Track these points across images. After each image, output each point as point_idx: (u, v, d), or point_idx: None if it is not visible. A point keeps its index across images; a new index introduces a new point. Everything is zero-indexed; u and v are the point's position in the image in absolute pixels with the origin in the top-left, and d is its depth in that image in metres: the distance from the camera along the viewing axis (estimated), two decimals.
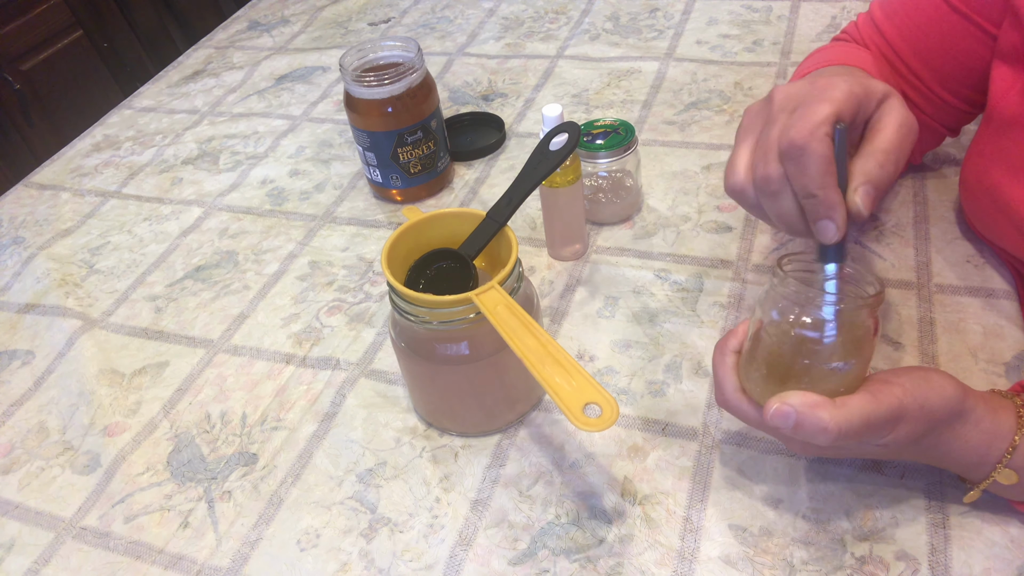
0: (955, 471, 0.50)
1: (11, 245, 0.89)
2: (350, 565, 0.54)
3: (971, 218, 0.66)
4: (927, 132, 0.68)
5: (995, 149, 0.59)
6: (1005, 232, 0.60)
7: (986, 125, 0.61)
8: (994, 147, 0.59)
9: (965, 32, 0.61)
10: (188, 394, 0.68)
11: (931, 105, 0.66)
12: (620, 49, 1.04)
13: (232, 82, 1.13)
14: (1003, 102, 0.58)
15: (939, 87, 0.65)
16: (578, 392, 0.47)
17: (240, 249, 0.83)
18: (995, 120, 0.59)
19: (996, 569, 0.48)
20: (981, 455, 0.46)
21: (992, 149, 0.60)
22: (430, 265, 0.59)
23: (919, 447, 0.47)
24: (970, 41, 0.61)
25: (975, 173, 0.62)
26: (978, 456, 0.47)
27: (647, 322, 0.67)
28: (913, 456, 0.49)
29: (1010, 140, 0.57)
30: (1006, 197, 0.58)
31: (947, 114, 0.67)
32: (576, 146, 0.60)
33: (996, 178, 0.59)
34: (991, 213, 0.61)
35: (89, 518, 0.60)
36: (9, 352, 0.75)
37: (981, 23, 0.60)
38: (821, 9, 1.04)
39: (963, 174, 0.64)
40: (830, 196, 0.43)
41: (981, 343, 0.60)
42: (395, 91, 0.78)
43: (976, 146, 0.62)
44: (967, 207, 0.66)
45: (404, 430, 0.62)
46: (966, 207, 0.66)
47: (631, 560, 0.51)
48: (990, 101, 0.59)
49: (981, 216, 0.64)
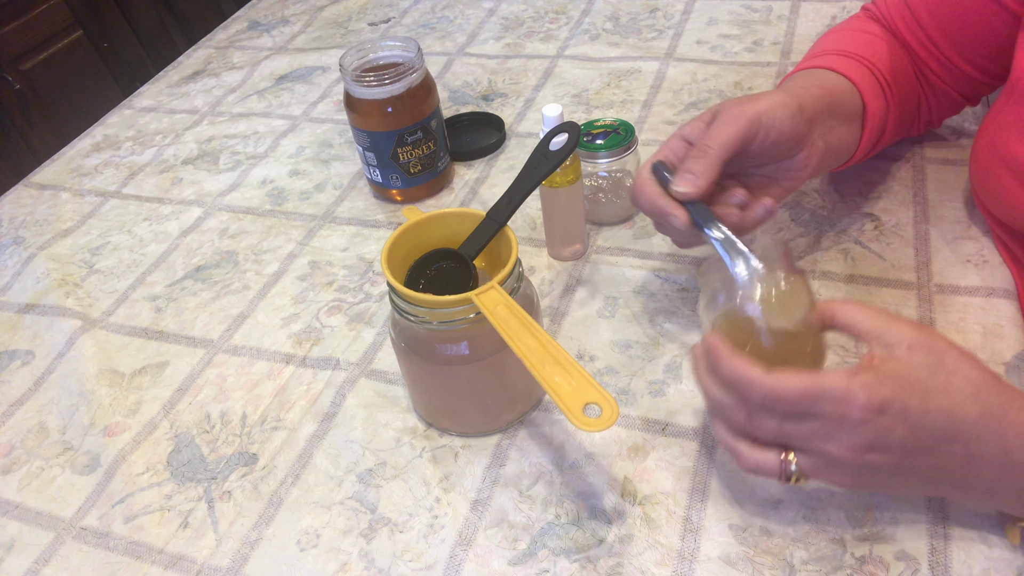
0: (997, 504, 0.47)
1: (11, 245, 0.89)
2: (350, 565, 0.54)
3: (981, 195, 0.66)
4: (946, 100, 0.72)
5: (1015, 119, 0.60)
6: (1018, 202, 0.60)
7: (1007, 97, 0.62)
8: (1014, 118, 0.60)
9: (986, 7, 0.63)
10: (188, 394, 0.68)
11: (949, 74, 0.69)
12: (620, 49, 1.04)
13: (232, 82, 1.13)
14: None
15: (957, 57, 0.67)
16: (578, 392, 0.47)
17: (240, 249, 0.83)
18: (1017, 91, 0.60)
19: (996, 569, 0.48)
20: None
21: (1012, 120, 0.60)
22: (430, 265, 0.59)
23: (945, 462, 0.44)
24: (988, 15, 0.64)
25: (991, 145, 0.62)
26: None
27: (647, 322, 0.67)
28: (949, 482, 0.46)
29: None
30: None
31: (964, 83, 0.69)
32: (576, 146, 0.60)
33: (1014, 147, 0.59)
34: (1006, 183, 0.61)
35: (89, 518, 0.60)
36: (9, 352, 0.75)
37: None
38: (821, 9, 1.04)
39: (976, 148, 0.65)
40: (663, 209, 0.56)
41: (981, 343, 0.60)
42: (395, 91, 0.78)
43: (994, 118, 0.63)
44: (979, 184, 0.66)
45: (404, 430, 0.62)
46: (976, 184, 0.66)
47: (631, 560, 0.51)
48: (1013, 73, 0.60)
49: (994, 189, 0.63)
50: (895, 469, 0.44)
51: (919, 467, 0.44)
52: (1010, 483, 0.45)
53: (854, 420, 0.43)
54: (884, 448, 0.43)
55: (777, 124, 0.56)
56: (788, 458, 0.46)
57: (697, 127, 0.58)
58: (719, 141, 0.54)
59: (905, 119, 0.71)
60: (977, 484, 0.45)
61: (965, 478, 0.45)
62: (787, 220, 0.73)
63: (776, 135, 0.56)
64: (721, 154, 0.54)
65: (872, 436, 0.43)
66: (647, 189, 0.56)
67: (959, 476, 0.45)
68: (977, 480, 0.45)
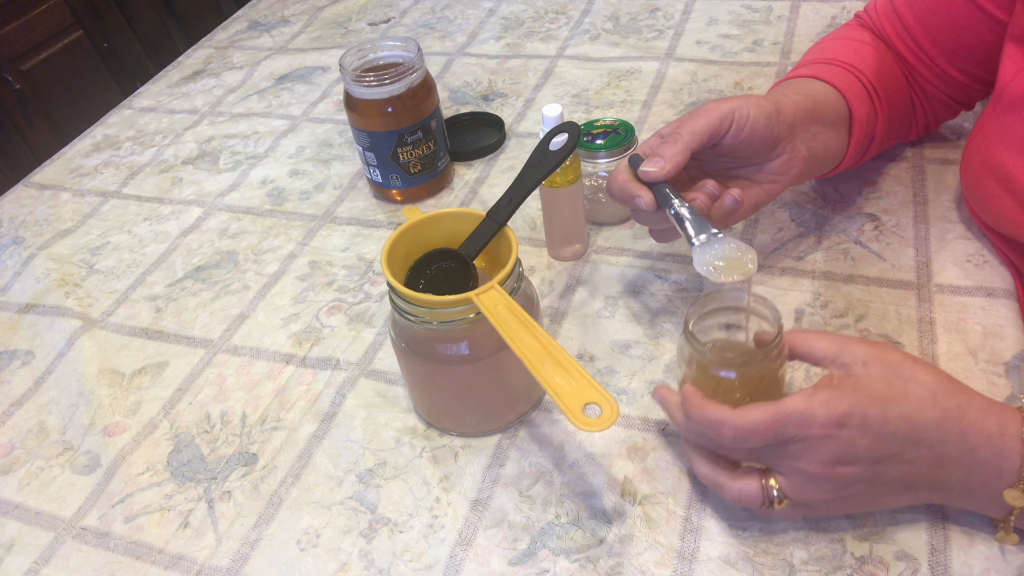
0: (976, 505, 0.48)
1: (11, 245, 0.89)
2: (350, 565, 0.54)
3: (972, 202, 0.67)
4: (940, 105, 0.73)
5: (1001, 128, 0.60)
6: (1007, 212, 0.60)
7: (993, 106, 0.62)
8: (1000, 126, 0.61)
9: (971, 15, 0.64)
10: (188, 394, 0.68)
11: (941, 81, 0.70)
12: (620, 49, 1.04)
13: (232, 82, 1.13)
14: (1013, 83, 0.59)
15: (948, 65, 0.68)
16: (578, 392, 0.47)
17: (240, 249, 0.83)
18: (1003, 100, 0.60)
19: (995, 569, 0.48)
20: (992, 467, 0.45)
21: (998, 129, 0.61)
22: (430, 265, 0.59)
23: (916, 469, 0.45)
24: (975, 23, 0.64)
25: (979, 154, 0.63)
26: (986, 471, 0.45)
27: (647, 322, 0.67)
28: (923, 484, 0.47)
29: (1017, 120, 0.59)
30: (1011, 175, 0.59)
31: (956, 89, 0.70)
32: (576, 146, 0.60)
33: (1000, 157, 0.60)
34: (994, 193, 0.61)
35: (89, 518, 0.60)
36: (9, 352, 0.75)
37: (985, 6, 0.63)
38: (821, 9, 1.04)
39: (965, 157, 0.65)
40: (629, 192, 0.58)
41: (981, 343, 0.60)
42: (395, 91, 0.78)
43: (981, 128, 0.63)
44: (968, 191, 0.66)
45: (404, 430, 0.62)
46: (967, 191, 0.67)
47: (631, 560, 0.51)
48: (1000, 82, 0.61)
49: (983, 198, 0.64)
50: (869, 479, 0.46)
51: (891, 475, 0.46)
52: (980, 483, 0.46)
53: (817, 437, 0.44)
54: (852, 460, 0.45)
55: (750, 122, 0.57)
56: (769, 483, 0.47)
57: (673, 124, 0.60)
58: (689, 129, 0.56)
59: (896, 124, 0.72)
60: (952, 486, 0.46)
61: (939, 481, 0.46)
62: (787, 220, 0.73)
63: (749, 132, 0.57)
64: (690, 141, 0.56)
65: (838, 450, 0.44)
66: (619, 177, 0.59)
67: (933, 479, 0.46)
68: (950, 482, 0.46)
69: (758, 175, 0.61)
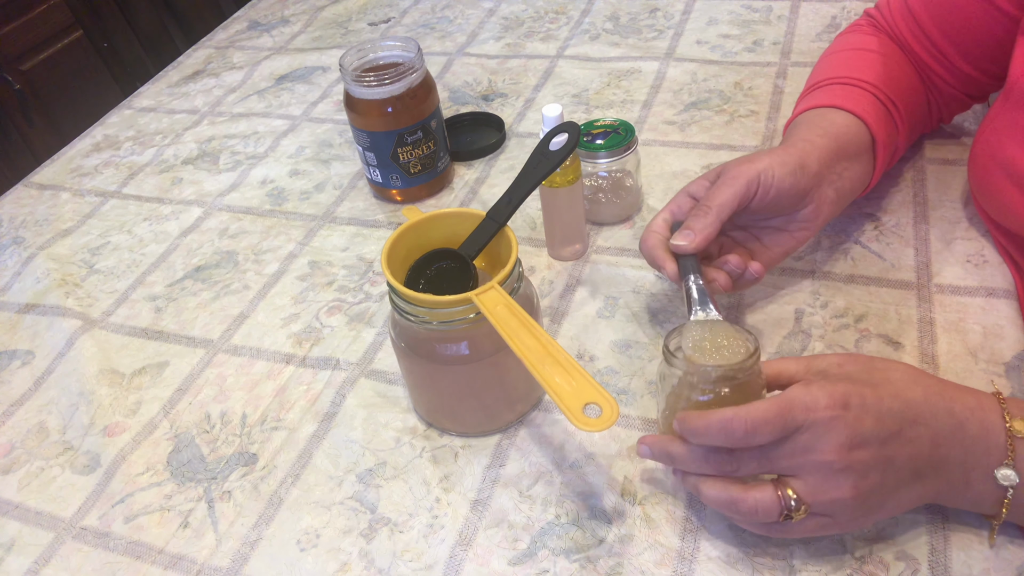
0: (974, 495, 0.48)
1: (11, 245, 0.89)
2: (350, 565, 0.54)
3: (979, 197, 0.67)
4: (954, 101, 0.74)
5: (1010, 123, 0.61)
6: (1014, 206, 0.61)
7: (1003, 100, 0.62)
8: (1010, 121, 0.61)
9: (986, 13, 0.65)
10: (188, 394, 0.68)
11: (954, 77, 0.71)
12: (620, 49, 1.04)
13: (232, 82, 1.13)
14: (1023, 79, 0.60)
15: (962, 62, 0.69)
16: (578, 392, 0.47)
17: (240, 249, 0.83)
18: (1014, 95, 0.61)
19: (996, 569, 0.48)
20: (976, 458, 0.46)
21: (1008, 123, 0.61)
22: (430, 265, 0.59)
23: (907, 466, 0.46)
24: (987, 19, 0.66)
25: (988, 148, 0.63)
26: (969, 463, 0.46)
27: (647, 322, 0.67)
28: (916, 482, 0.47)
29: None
30: (1020, 169, 0.59)
31: (969, 85, 0.71)
32: (576, 146, 0.60)
33: (1010, 151, 0.60)
34: (1002, 187, 0.62)
35: (89, 518, 0.60)
36: (9, 352, 0.75)
37: (999, 3, 0.64)
38: (821, 9, 1.04)
39: (974, 151, 0.66)
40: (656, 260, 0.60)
41: (981, 343, 0.60)
42: (395, 91, 0.78)
43: (990, 122, 0.64)
44: (976, 185, 0.67)
45: (404, 430, 0.62)
46: (974, 186, 0.67)
47: (631, 560, 0.51)
48: (1010, 77, 0.61)
49: (991, 193, 0.64)
50: (882, 466, 0.45)
51: (900, 458, 0.46)
52: (975, 462, 0.46)
53: (825, 420, 0.45)
54: (863, 442, 0.45)
55: (776, 182, 0.58)
56: (786, 492, 0.46)
57: (702, 185, 0.61)
58: (718, 201, 0.58)
59: (915, 131, 0.73)
60: (952, 468, 0.47)
61: (940, 462, 0.46)
62: None
63: (775, 192, 0.58)
64: (720, 213, 0.57)
65: (847, 431, 0.45)
66: (650, 240, 0.60)
67: (936, 460, 0.46)
68: (950, 464, 0.47)
69: (787, 224, 0.62)
